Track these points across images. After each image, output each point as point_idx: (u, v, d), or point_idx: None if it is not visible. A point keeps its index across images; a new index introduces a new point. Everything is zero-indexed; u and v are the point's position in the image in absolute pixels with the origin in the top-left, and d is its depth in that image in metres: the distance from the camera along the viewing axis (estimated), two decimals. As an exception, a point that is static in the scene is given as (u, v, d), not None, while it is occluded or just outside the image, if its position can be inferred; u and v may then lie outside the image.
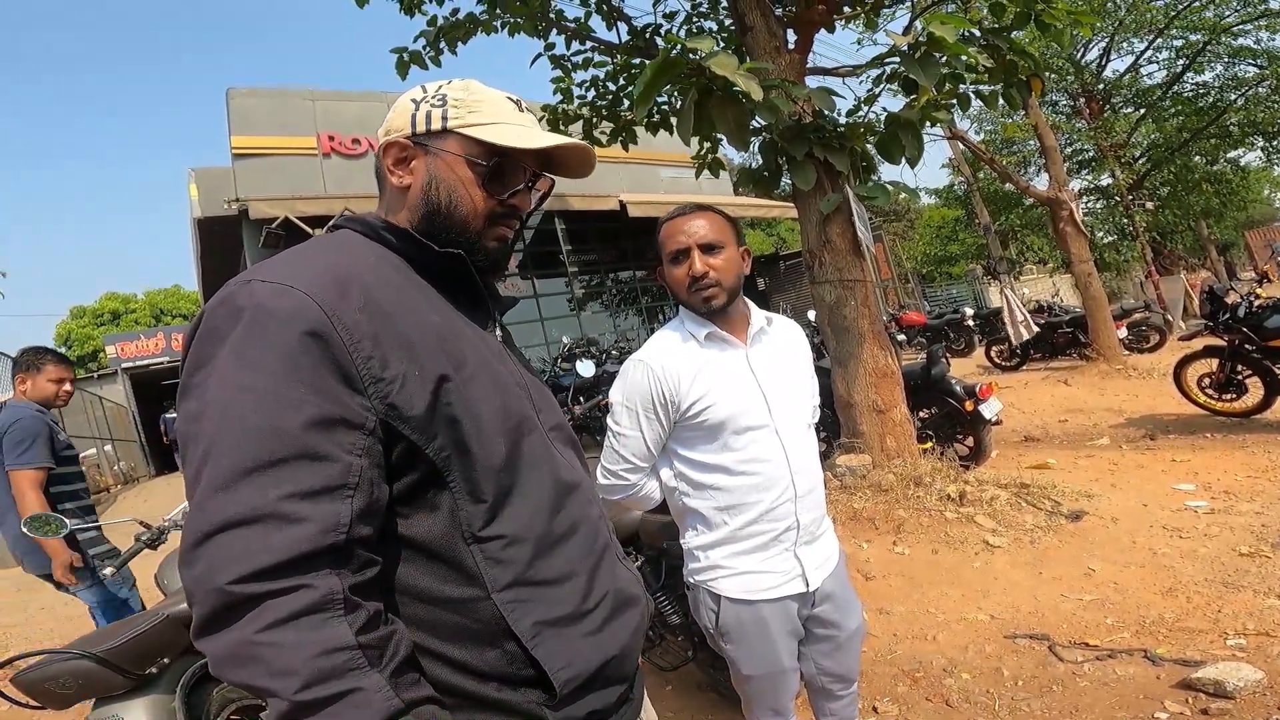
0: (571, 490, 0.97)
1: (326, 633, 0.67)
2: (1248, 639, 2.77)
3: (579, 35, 6.58)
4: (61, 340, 38.21)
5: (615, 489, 1.75)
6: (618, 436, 1.71)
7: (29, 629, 4.86)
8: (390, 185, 0.99)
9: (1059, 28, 4.65)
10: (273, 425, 0.71)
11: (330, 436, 0.74)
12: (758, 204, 16.10)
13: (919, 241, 33.98)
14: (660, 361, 1.66)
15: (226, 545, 0.68)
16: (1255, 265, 19.99)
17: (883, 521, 4.30)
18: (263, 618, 0.66)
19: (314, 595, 0.68)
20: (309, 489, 0.71)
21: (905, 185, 4.99)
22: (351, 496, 0.73)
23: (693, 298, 1.65)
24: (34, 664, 1.89)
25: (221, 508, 0.69)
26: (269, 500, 0.69)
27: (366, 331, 0.79)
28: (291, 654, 0.66)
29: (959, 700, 2.66)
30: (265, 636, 0.66)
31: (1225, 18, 16.42)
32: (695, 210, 1.68)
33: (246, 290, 0.78)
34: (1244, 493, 4.44)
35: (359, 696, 0.67)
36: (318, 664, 0.66)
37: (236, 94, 11.57)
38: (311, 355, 0.75)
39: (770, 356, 1.73)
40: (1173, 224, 20.48)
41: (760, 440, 1.64)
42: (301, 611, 0.67)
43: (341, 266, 0.84)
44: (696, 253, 1.62)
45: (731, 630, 1.68)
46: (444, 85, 1.00)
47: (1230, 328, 6.10)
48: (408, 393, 0.80)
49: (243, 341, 0.75)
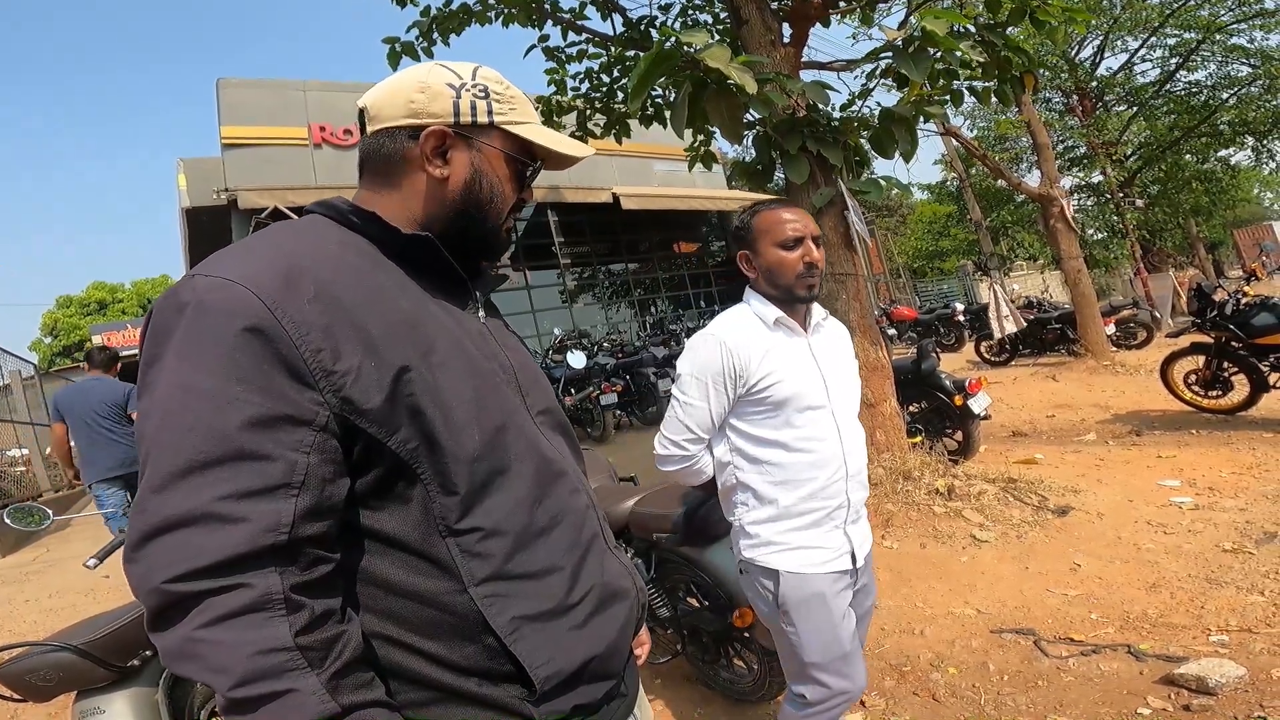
0: (556, 479, 0.94)
1: (265, 632, 0.67)
2: (1230, 635, 2.79)
3: (573, 27, 6.55)
4: (48, 329, 37.95)
5: (673, 459, 1.79)
6: (685, 406, 1.75)
7: (12, 622, 4.82)
8: (426, 174, 0.94)
9: (1053, 24, 4.65)
10: (209, 425, 0.70)
11: (271, 435, 0.72)
12: (750, 198, 16.08)
13: (911, 237, 34.10)
14: (734, 338, 1.71)
15: (164, 546, 0.68)
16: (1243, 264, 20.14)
17: (871, 515, 4.26)
18: (202, 615, 0.67)
19: (252, 594, 0.68)
20: (246, 489, 0.70)
21: (898, 180, 5.01)
22: (296, 495, 0.72)
23: (798, 283, 1.72)
24: (15, 656, 1.87)
25: (159, 508, 0.69)
26: (204, 501, 0.68)
27: (316, 323, 0.76)
28: (228, 652, 0.66)
29: (945, 695, 2.67)
30: (203, 634, 0.66)
31: (1220, 17, 16.49)
32: (791, 204, 1.81)
33: (190, 285, 0.76)
34: (1228, 489, 4.47)
35: (293, 698, 0.67)
36: (253, 663, 0.66)
37: (227, 84, 11.49)
38: (251, 351, 0.73)
39: (828, 347, 1.83)
40: (1162, 222, 20.63)
41: (819, 420, 1.71)
42: (239, 610, 0.67)
43: (295, 255, 0.81)
44: (811, 242, 1.73)
45: (793, 607, 1.68)
46: (477, 71, 0.97)
47: (1217, 325, 6.14)
48: (363, 385, 0.78)
49: (183, 339, 0.74)
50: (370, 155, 0.97)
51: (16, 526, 2.56)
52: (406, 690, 0.83)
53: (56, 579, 5.81)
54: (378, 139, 0.96)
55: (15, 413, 10.81)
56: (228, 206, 10.56)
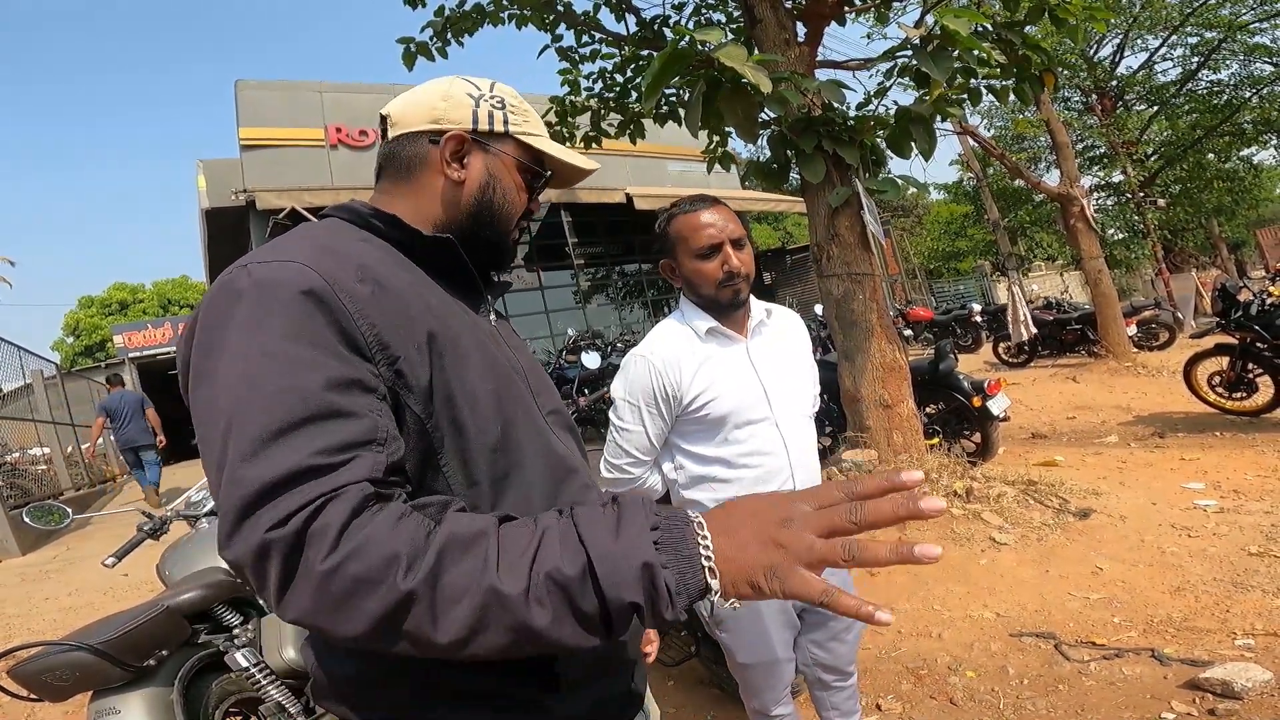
0: (569, 475, 0.96)
1: (409, 525, 0.66)
2: (1256, 639, 2.74)
3: (587, 27, 6.55)
4: (70, 330, 38.45)
5: (619, 483, 1.75)
6: (620, 431, 1.71)
7: (31, 620, 4.87)
8: (444, 177, 0.97)
9: (1073, 23, 4.59)
10: (293, 386, 0.69)
11: (350, 396, 0.72)
12: (765, 198, 16.04)
13: (927, 237, 33.87)
14: (662, 356, 1.65)
15: (271, 510, 0.64)
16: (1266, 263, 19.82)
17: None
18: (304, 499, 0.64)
19: (351, 474, 0.67)
20: (342, 443, 0.68)
21: (915, 180, 4.98)
22: (383, 450, 0.71)
23: (721, 292, 1.64)
24: (31, 656, 1.87)
25: (258, 475, 0.65)
26: (304, 457, 0.66)
27: (369, 300, 0.77)
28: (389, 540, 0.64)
29: (963, 699, 2.64)
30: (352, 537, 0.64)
31: (1241, 15, 16.27)
32: (712, 203, 1.67)
33: (244, 273, 0.76)
34: (1253, 492, 4.40)
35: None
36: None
37: (245, 86, 11.60)
38: (318, 318, 0.73)
39: (770, 348, 1.73)
40: (1184, 222, 20.39)
41: (761, 434, 1.65)
42: (343, 486, 0.66)
43: (333, 245, 0.83)
44: (730, 248, 1.62)
45: (725, 619, 1.69)
46: (494, 85, 1.02)
47: (1242, 325, 6.06)
48: (411, 363, 0.79)
49: (250, 314, 0.73)
50: (390, 159, 1.00)
51: (37, 525, 2.58)
52: (425, 691, 0.83)
53: (75, 577, 5.88)
54: (399, 143, 0.99)
55: (37, 412, 10.93)
56: (246, 207, 10.66)
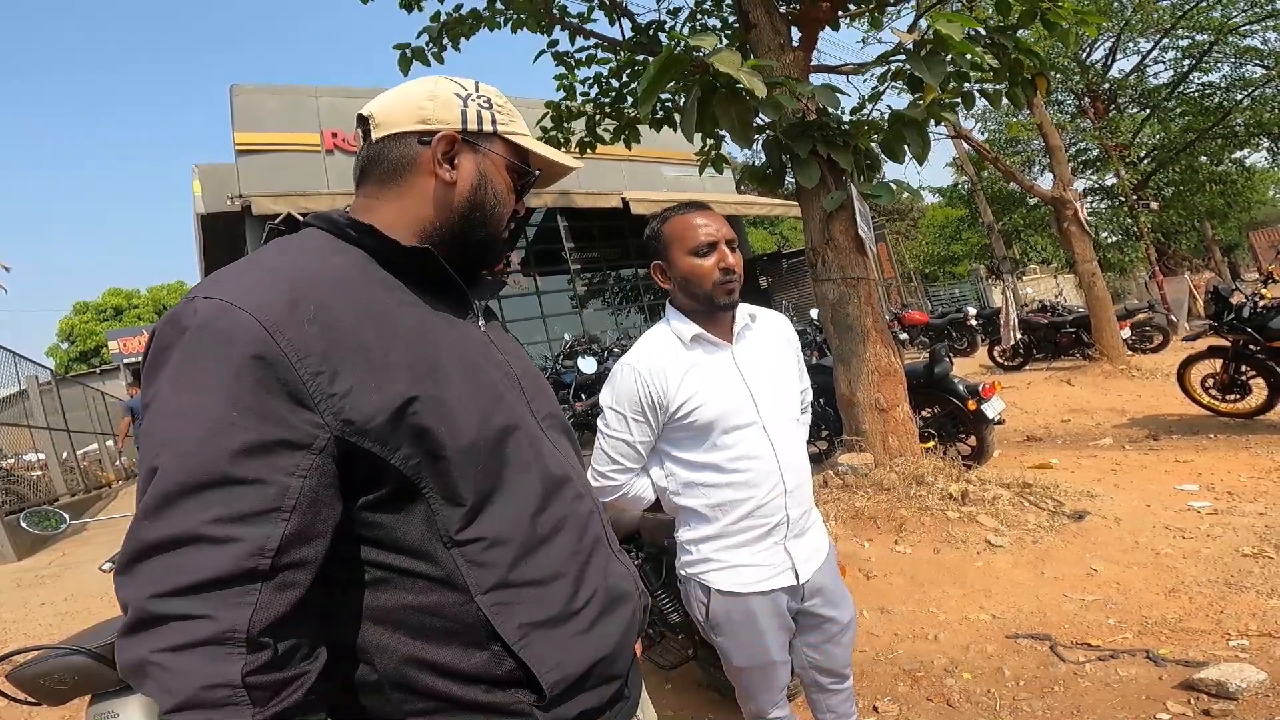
0: (560, 486, 0.95)
1: (216, 666, 0.67)
2: (1250, 640, 2.76)
3: (582, 32, 6.57)
4: (64, 335, 38.34)
5: (605, 490, 1.76)
6: (608, 439, 1.72)
7: (28, 625, 4.85)
8: (435, 179, 0.95)
9: (1065, 27, 4.62)
10: (203, 450, 0.71)
11: (266, 461, 0.73)
12: (760, 202, 16.09)
13: (922, 241, 33.98)
14: (648, 365, 1.66)
15: (153, 566, 0.69)
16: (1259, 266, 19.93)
17: (884, 520, 4.28)
18: (162, 639, 0.67)
19: (216, 628, 0.68)
20: (237, 514, 0.70)
21: (908, 184, 4.98)
22: (286, 519, 0.72)
23: (717, 290, 1.65)
24: (29, 660, 1.87)
25: (152, 530, 0.70)
26: (195, 524, 0.69)
27: (315, 346, 0.77)
28: (177, 678, 0.67)
29: (960, 700, 2.65)
30: (161, 657, 0.67)
31: (1232, 18, 16.38)
32: (703, 207, 1.71)
33: (190, 308, 0.76)
34: (1247, 493, 4.42)
35: None
36: (199, 694, 0.67)
37: (241, 90, 11.58)
38: (250, 377, 0.73)
39: (755, 352, 1.74)
40: (1177, 224, 20.47)
41: (749, 438, 1.66)
42: (200, 641, 0.67)
43: (295, 276, 0.81)
44: (726, 247, 1.65)
45: (721, 623, 1.70)
46: (479, 85, 1.01)
47: (1235, 328, 6.08)
48: (364, 405, 0.78)
49: (181, 364, 0.74)
50: (374, 161, 0.97)
51: (33, 530, 2.57)
52: (413, 701, 0.83)
53: (72, 582, 5.86)
54: (385, 145, 0.96)
55: (32, 417, 10.89)
56: (241, 213, 10.64)
